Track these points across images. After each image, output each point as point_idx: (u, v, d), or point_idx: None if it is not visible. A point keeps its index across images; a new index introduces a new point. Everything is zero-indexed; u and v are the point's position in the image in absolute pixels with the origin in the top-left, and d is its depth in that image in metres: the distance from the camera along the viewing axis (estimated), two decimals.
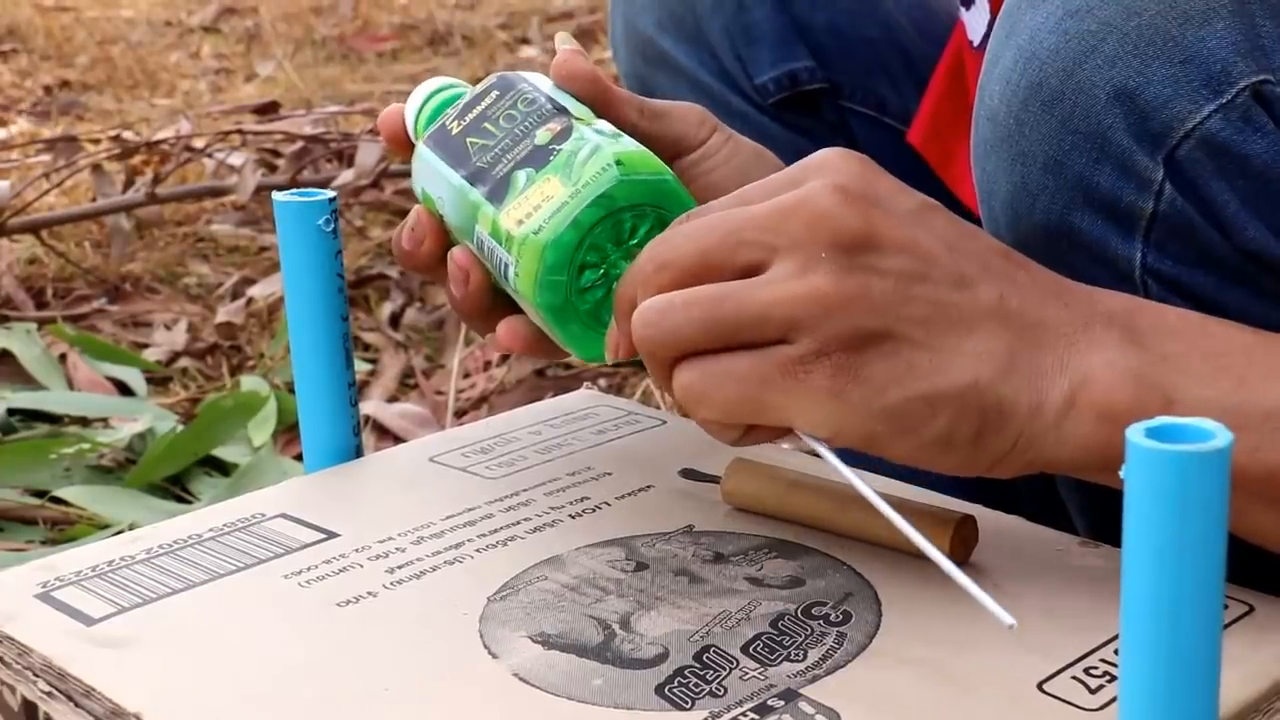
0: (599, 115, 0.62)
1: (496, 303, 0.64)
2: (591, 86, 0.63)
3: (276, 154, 2.16)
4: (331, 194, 0.68)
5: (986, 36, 0.78)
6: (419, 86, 0.69)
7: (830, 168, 0.54)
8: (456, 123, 0.64)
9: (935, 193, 0.63)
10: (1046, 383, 0.51)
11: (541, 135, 0.61)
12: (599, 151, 0.58)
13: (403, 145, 0.69)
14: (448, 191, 0.63)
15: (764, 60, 0.94)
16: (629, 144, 0.60)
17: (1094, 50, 0.54)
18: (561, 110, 0.62)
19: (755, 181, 0.55)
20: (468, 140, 0.63)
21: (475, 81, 0.67)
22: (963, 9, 0.82)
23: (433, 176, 0.64)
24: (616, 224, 0.58)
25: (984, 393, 0.50)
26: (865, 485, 0.52)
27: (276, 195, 0.68)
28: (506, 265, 0.59)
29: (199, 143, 2.16)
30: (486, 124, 0.63)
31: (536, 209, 0.58)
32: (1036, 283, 0.53)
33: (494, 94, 0.64)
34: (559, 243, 0.57)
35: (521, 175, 0.60)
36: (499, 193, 0.60)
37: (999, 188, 0.58)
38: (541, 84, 0.64)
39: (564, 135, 0.60)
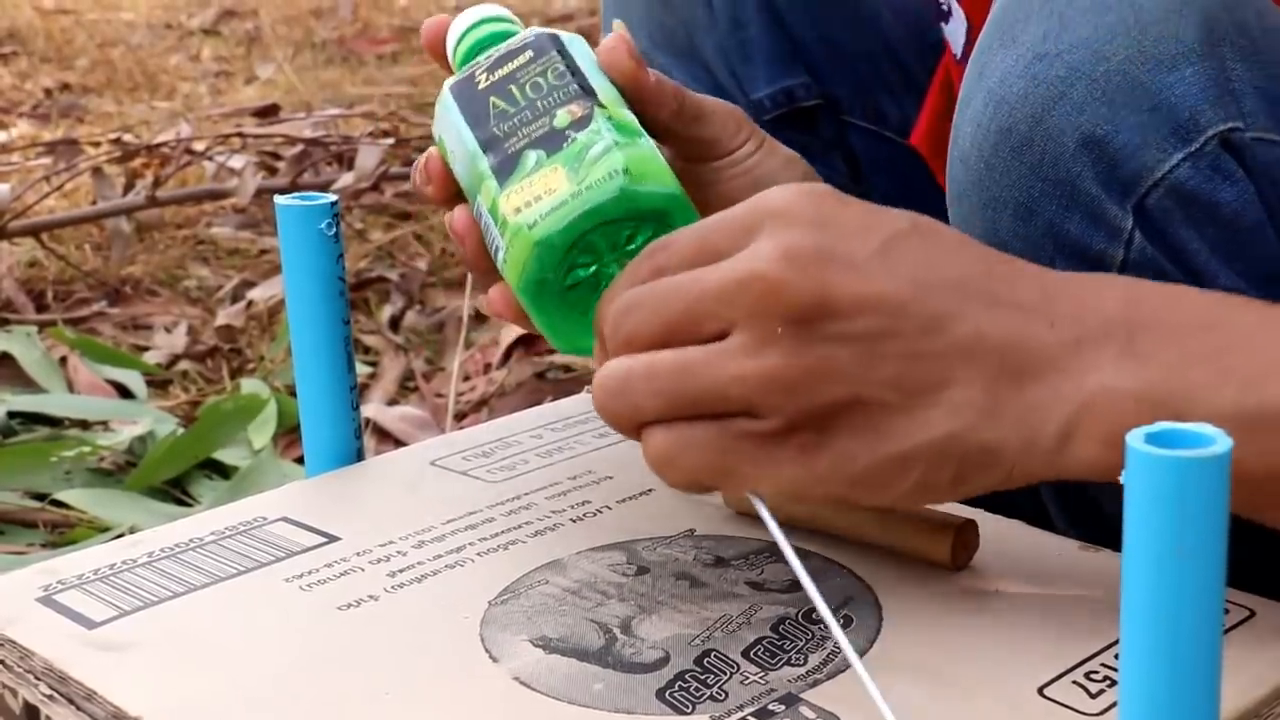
0: (634, 107, 0.61)
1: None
2: (631, 80, 0.62)
3: (277, 157, 2.16)
4: (333, 198, 0.68)
5: (967, 46, 0.78)
6: (469, 10, 0.67)
7: (782, 218, 0.51)
8: (486, 75, 0.63)
9: (936, 200, 0.63)
10: (1038, 417, 0.49)
11: (561, 117, 0.60)
12: (609, 154, 0.57)
13: (438, 55, 0.67)
14: (460, 149, 0.62)
15: (759, 77, 0.93)
16: (643, 147, 0.58)
17: (1062, 96, 0.54)
18: (588, 92, 0.60)
19: (720, 212, 0.53)
20: (491, 100, 0.62)
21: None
22: (942, 24, 0.81)
23: (450, 128, 0.63)
24: (614, 230, 0.58)
25: (963, 441, 0.49)
26: (801, 568, 0.51)
27: (278, 199, 0.68)
28: (498, 248, 0.59)
29: (199, 145, 2.17)
30: (512, 87, 0.62)
31: (537, 199, 0.58)
32: (1020, 300, 0.50)
33: (528, 54, 0.62)
34: (549, 242, 0.57)
35: (532, 156, 0.59)
36: (506, 169, 0.60)
37: (973, 232, 0.57)
38: (578, 53, 0.63)
39: (583, 123, 0.59)
